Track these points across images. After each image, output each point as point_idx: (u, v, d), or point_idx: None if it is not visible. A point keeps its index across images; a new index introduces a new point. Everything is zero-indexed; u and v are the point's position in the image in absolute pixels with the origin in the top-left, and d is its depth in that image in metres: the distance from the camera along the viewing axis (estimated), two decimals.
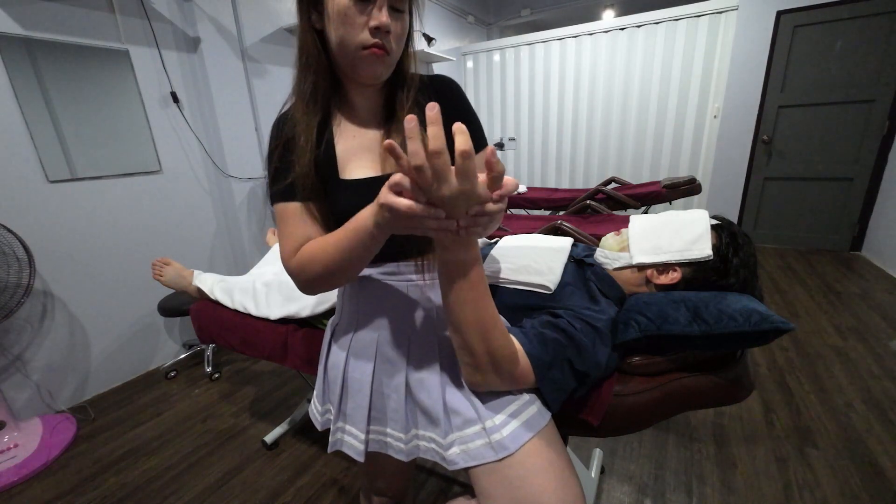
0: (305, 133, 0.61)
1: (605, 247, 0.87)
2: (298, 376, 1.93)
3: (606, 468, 1.35)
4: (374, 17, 0.56)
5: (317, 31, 0.61)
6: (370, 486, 0.87)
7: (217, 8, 2.03)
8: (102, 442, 1.59)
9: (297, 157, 0.61)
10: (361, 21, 0.56)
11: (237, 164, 2.21)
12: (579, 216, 2.45)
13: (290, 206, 0.62)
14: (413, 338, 0.68)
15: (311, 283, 0.61)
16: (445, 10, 3.73)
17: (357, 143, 0.65)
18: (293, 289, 1.08)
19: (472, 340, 0.57)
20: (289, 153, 0.62)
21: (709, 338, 0.63)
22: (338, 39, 0.58)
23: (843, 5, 2.92)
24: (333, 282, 0.61)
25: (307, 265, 0.59)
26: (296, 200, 0.62)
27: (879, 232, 3.06)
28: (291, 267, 0.61)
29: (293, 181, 0.61)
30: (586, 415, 0.69)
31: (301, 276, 0.61)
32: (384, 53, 0.59)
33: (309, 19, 0.60)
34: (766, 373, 1.81)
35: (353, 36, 0.57)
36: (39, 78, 1.60)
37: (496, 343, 0.57)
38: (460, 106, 0.68)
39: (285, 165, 0.62)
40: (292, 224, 0.62)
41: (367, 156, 0.65)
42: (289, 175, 0.61)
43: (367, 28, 0.56)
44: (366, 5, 0.56)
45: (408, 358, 0.67)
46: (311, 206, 0.63)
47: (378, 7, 0.56)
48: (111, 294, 1.89)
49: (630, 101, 3.40)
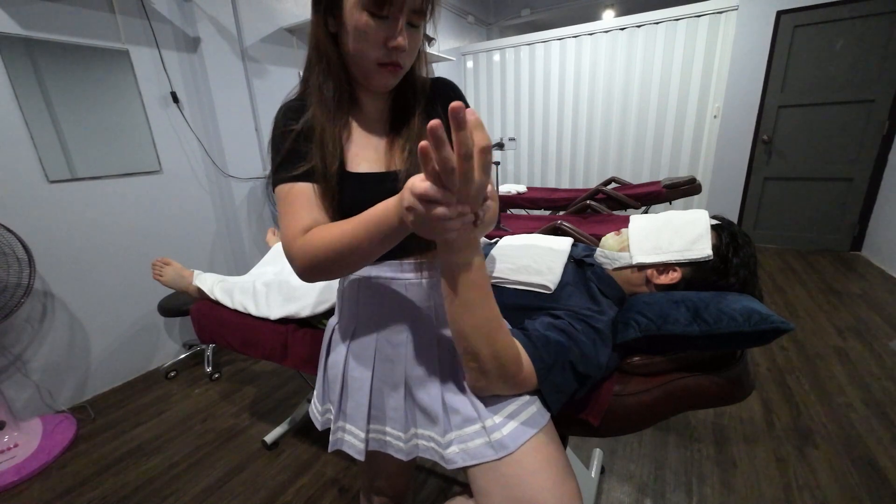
0: (332, 140, 0.61)
1: (605, 247, 0.87)
2: (298, 376, 1.93)
3: (606, 468, 1.35)
4: (392, 38, 0.56)
5: (331, 34, 0.61)
6: (370, 486, 0.87)
7: (217, 8, 2.03)
8: (102, 442, 1.59)
9: (323, 158, 0.61)
10: (379, 38, 0.56)
11: (237, 164, 2.21)
12: (579, 216, 2.45)
13: (303, 186, 0.61)
14: (412, 337, 0.68)
15: (314, 268, 0.58)
16: (445, 10, 3.73)
17: (364, 140, 0.66)
18: (293, 289, 1.08)
19: (478, 344, 0.57)
20: (307, 142, 0.61)
21: (709, 338, 0.63)
22: (354, 52, 0.58)
23: (843, 5, 2.92)
24: (339, 269, 0.59)
25: (318, 247, 0.56)
26: (309, 182, 0.61)
27: (879, 232, 3.06)
28: (297, 247, 0.58)
29: (311, 169, 0.60)
30: (586, 415, 0.69)
31: (305, 259, 0.57)
32: (398, 69, 0.60)
33: (325, 24, 0.60)
34: (766, 373, 1.81)
35: (369, 51, 0.57)
36: (39, 78, 1.60)
37: (501, 345, 0.57)
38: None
39: (302, 152, 0.61)
40: (302, 206, 0.60)
41: (372, 153, 0.66)
42: (305, 162, 0.61)
43: (384, 45, 0.56)
44: (384, 21, 0.55)
45: (407, 357, 0.68)
46: (321, 194, 0.62)
47: (397, 25, 0.55)
48: (111, 294, 1.89)
49: (630, 101, 3.40)
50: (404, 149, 0.64)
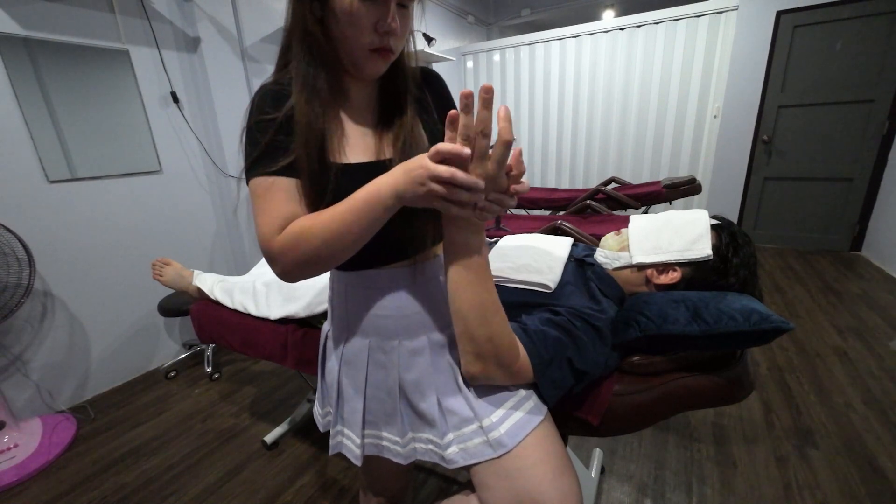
0: (319, 132, 0.57)
1: (605, 246, 0.87)
2: (298, 376, 1.93)
3: (606, 468, 1.35)
4: (384, 22, 0.54)
5: (318, 19, 0.57)
6: (369, 487, 0.87)
7: (217, 8, 2.03)
8: (102, 442, 1.59)
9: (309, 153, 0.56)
10: (369, 22, 0.54)
11: (237, 164, 2.20)
12: (579, 216, 2.45)
13: (284, 181, 0.56)
14: (404, 341, 0.67)
15: (298, 265, 0.55)
16: (445, 10, 3.73)
17: (352, 130, 0.63)
18: (293, 289, 1.08)
19: (474, 325, 0.57)
20: (289, 134, 0.56)
21: (709, 337, 0.63)
22: (343, 38, 0.56)
23: (843, 5, 2.92)
24: (325, 263, 0.56)
25: (300, 242, 0.53)
26: (290, 177, 0.57)
27: (879, 232, 3.06)
28: (276, 245, 0.54)
29: (293, 163, 0.56)
30: (586, 414, 0.69)
31: (287, 256, 0.54)
32: (390, 54, 0.58)
33: (311, 8, 0.56)
34: (766, 373, 1.81)
35: (359, 36, 0.55)
36: (39, 78, 1.60)
37: (497, 329, 0.58)
38: (450, 99, 0.73)
39: (283, 144, 0.56)
40: (280, 200, 0.55)
41: (360, 143, 0.63)
42: (286, 156, 0.56)
43: (375, 29, 0.55)
44: (374, 4, 0.53)
45: (400, 362, 0.67)
46: (308, 189, 0.58)
47: (388, 8, 0.54)
48: (111, 294, 1.89)
49: (630, 101, 3.40)
50: (398, 137, 0.62)
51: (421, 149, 0.61)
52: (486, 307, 0.57)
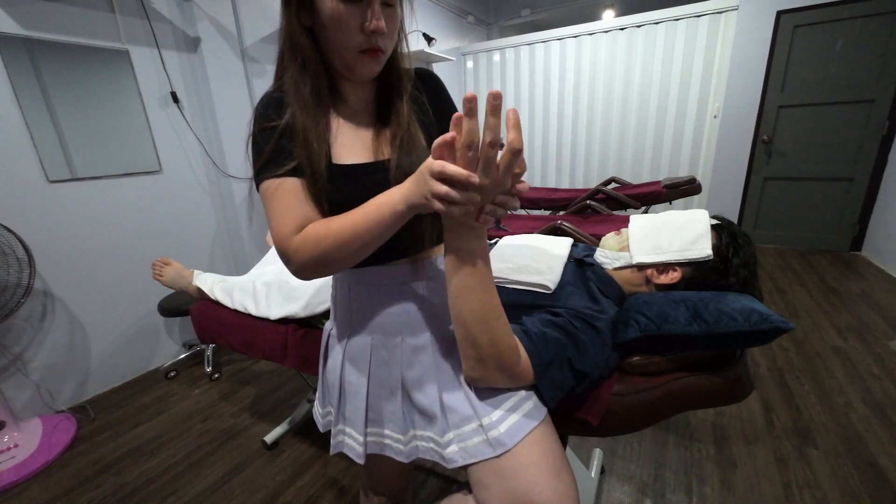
0: (316, 138, 0.59)
1: (605, 246, 0.87)
2: (298, 376, 1.92)
3: (606, 468, 1.35)
4: (368, 22, 0.55)
5: (306, 28, 0.59)
6: (370, 486, 0.87)
7: (217, 8, 2.03)
8: (102, 442, 1.59)
9: (309, 157, 0.58)
10: (354, 23, 0.55)
11: (237, 164, 2.20)
12: (579, 216, 2.45)
13: (291, 182, 0.58)
14: (407, 339, 0.67)
15: (312, 264, 0.57)
16: (445, 10, 3.73)
17: (350, 132, 0.64)
18: (293, 288, 1.08)
19: (476, 330, 0.57)
20: (291, 140, 0.59)
21: (709, 337, 0.63)
22: (331, 42, 0.57)
23: (843, 5, 2.92)
24: (338, 264, 0.58)
25: (315, 243, 0.56)
26: (297, 178, 0.59)
27: (879, 232, 3.06)
28: (292, 244, 0.57)
29: (298, 166, 0.58)
30: (586, 415, 0.69)
31: (303, 256, 0.57)
32: (380, 54, 0.59)
33: (298, 18, 0.58)
34: (766, 373, 1.81)
35: (347, 39, 0.56)
36: (39, 78, 1.60)
37: (499, 334, 0.58)
38: (447, 99, 0.72)
39: (287, 149, 0.58)
40: (292, 202, 0.58)
41: (358, 144, 0.64)
42: (291, 160, 0.58)
43: (361, 30, 0.55)
44: (357, 5, 0.54)
45: (402, 360, 0.67)
46: (310, 190, 0.60)
47: (372, 8, 0.54)
48: (111, 294, 1.89)
49: (630, 101, 3.40)
50: (395, 136, 0.63)
51: (418, 148, 0.63)
52: (487, 312, 0.57)
